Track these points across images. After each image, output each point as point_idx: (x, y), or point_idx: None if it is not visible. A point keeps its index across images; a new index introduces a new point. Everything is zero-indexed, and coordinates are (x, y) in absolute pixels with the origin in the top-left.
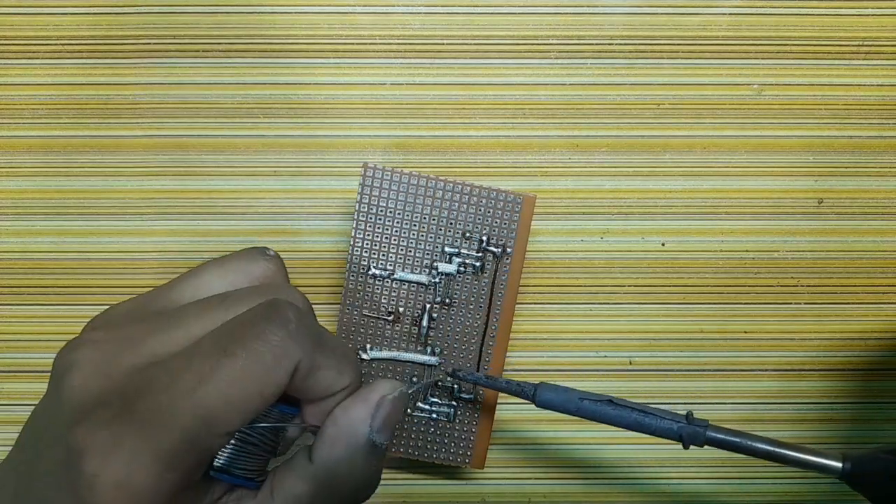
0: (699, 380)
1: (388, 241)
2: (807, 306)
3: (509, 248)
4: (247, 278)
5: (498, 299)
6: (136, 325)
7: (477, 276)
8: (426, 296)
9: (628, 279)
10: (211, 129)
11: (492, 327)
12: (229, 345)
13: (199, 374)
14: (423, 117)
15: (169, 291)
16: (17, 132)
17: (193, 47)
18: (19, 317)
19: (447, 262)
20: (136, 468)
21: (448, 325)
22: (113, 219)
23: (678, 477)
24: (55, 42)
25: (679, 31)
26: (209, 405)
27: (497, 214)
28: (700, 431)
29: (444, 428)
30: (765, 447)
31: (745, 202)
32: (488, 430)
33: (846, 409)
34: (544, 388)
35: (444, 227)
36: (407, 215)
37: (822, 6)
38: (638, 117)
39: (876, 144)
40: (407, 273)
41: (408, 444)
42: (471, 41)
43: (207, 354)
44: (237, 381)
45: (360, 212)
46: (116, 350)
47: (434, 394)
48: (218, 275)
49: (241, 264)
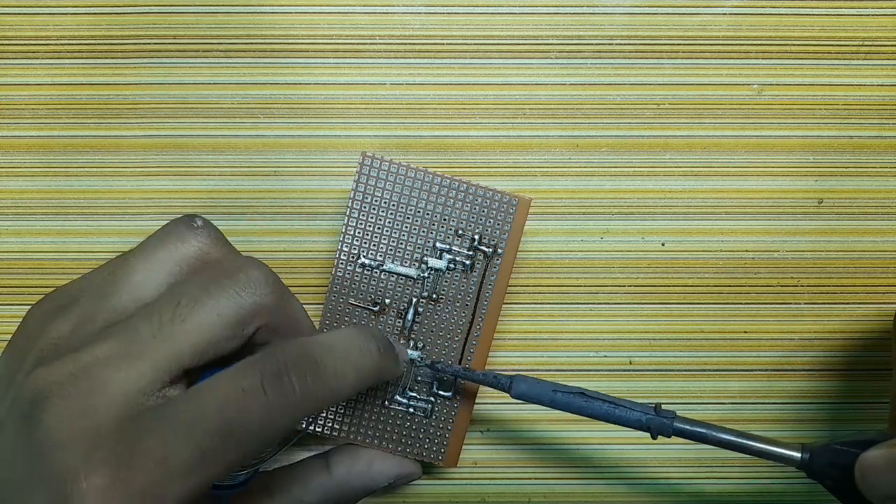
0: (699, 380)
1: (381, 231)
2: (807, 306)
3: (500, 248)
4: (183, 264)
5: (485, 299)
6: (92, 355)
7: (466, 274)
8: (413, 289)
9: (628, 279)
10: (211, 129)
11: (477, 326)
12: (232, 421)
13: (200, 451)
14: (423, 117)
15: (105, 301)
16: (17, 132)
17: (193, 47)
18: (19, 317)
19: (437, 258)
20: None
21: (433, 320)
22: (113, 219)
23: (678, 477)
24: (55, 42)
25: (679, 31)
26: (208, 479)
27: (491, 214)
28: (667, 423)
29: (419, 423)
30: (728, 438)
31: (745, 202)
32: (464, 429)
33: (847, 409)
34: (519, 380)
35: (438, 223)
36: (401, 208)
37: (822, 6)
38: (638, 117)
39: (876, 144)
40: (396, 265)
41: (382, 436)
42: (471, 41)
43: (208, 431)
44: (241, 454)
45: (354, 199)
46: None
47: (413, 388)
48: (151, 269)
49: (172, 249)
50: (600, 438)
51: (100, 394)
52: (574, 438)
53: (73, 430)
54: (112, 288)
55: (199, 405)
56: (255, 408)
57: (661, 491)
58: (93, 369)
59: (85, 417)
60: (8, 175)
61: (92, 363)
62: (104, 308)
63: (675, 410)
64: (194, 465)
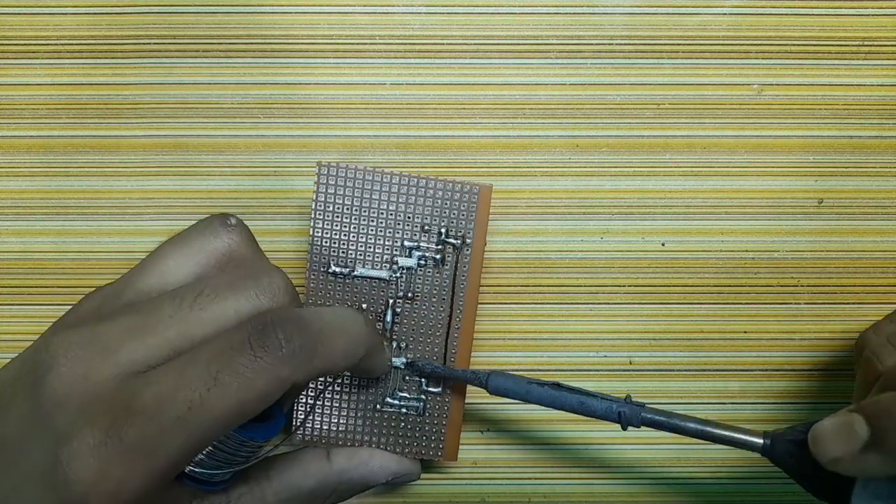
0: (699, 380)
1: (347, 238)
2: (807, 306)
3: (469, 238)
4: (212, 256)
5: (461, 290)
6: (109, 325)
7: (438, 268)
8: (388, 291)
9: (628, 279)
10: (211, 129)
11: (456, 318)
12: (219, 371)
13: (188, 401)
14: (423, 117)
15: (135, 281)
16: (17, 132)
17: (193, 47)
18: (19, 317)
19: (407, 257)
20: (126, 486)
21: (412, 319)
22: (113, 219)
23: (679, 477)
24: (55, 42)
25: (679, 31)
26: (198, 433)
27: (454, 206)
28: (636, 412)
29: (414, 422)
30: (693, 426)
31: (745, 202)
32: (459, 422)
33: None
34: (496, 375)
35: (403, 222)
36: (364, 211)
37: (822, 6)
38: (638, 117)
39: (876, 144)
40: (368, 269)
41: (378, 439)
42: (471, 41)
43: (197, 380)
44: (227, 408)
45: (316, 210)
46: (94, 356)
47: (402, 388)
48: (181, 257)
49: (204, 241)
50: (600, 438)
51: (106, 358)
52: (574, 438)
53: (73, 389)
54: (142, 271)
55: (191, 359)
56: (243, 363)
57: (662, 491)
58: (104, 335)
59: (87, 378)
60: (8, 175)
61: (104, 331)
62: (131, 287)
63: (644, 402)
64: (184, 419)
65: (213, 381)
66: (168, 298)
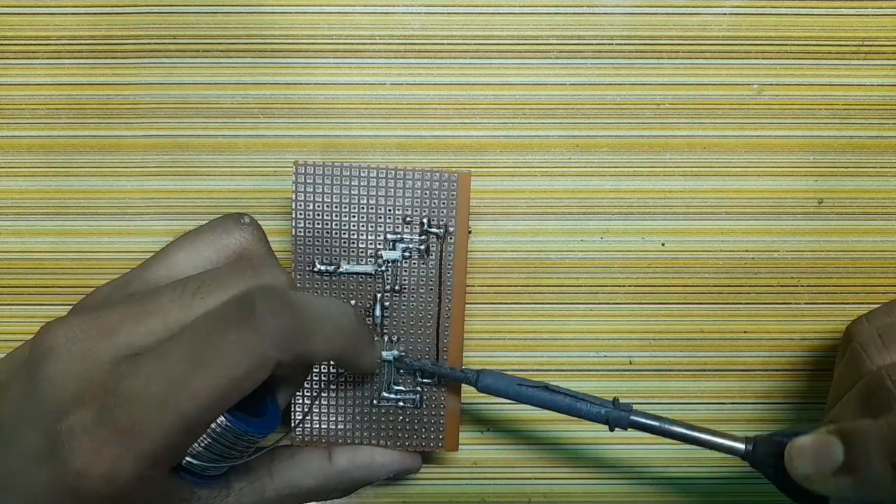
0: (699, 380)
1: (330, 235)
2: (807, 306)
3: (451, 227)
4: (222, 253)
5: (448, 279)
6: (111, 310)
7: (423, 259)
8: (375, 285)
9: (628, 279)
10: (211, 129)
11: (445, 308)
12: (202, 353)
13: (170, 381)
14: (423, 117)
15: (143, 271)
16: (17, 132)
17: (193, 47)
18: (19, 317)
19: (391, 249)
20: (120, 467)
21: (402, 311)
22: (113, 219)
23: (679, 477)
24: (55, 42)
25: (679, 31)
26: (185, 414)
27: (434, 195)
28: (624, 416)
29: (412, 415)
30: (679, 430)
31: (745, 202)
32: (457, 412)
33: None
34: (485, 374)
35: (384, 215)
36: (345, 207)
37: (822, 6)
38: (638, 117)
39: (876, 144)
40: (353, 265)
41: (378, 434)
42: (471, 41)
43: (181, 359)
44: (211, 387)
45: (296, 210)
46: (93, 339)
47: (398, 381)
48: (191, 252)
49: (215, 237)
50: (600, 438)
51: (103, 340)
52: (574, 438)
53: (70, 369)
54: (152, 264)
55: (177, 340)
56: (227, 339)
57: (663, 490)
58: (104, 320)
59: (84, 360)
60: (8, 175)
61: (105, 316)
62: (139, 277)
63: (632, 404)
64: (169, 396)
65: (196, 360)
66: (170, 287)
